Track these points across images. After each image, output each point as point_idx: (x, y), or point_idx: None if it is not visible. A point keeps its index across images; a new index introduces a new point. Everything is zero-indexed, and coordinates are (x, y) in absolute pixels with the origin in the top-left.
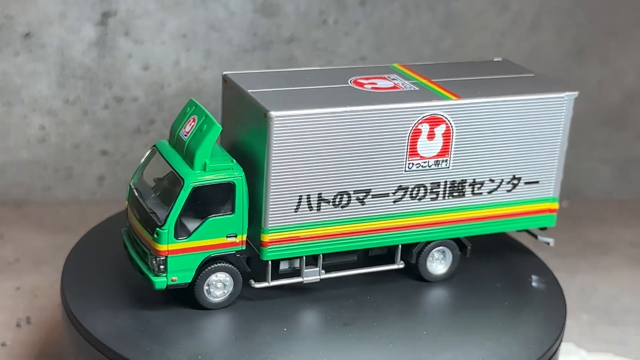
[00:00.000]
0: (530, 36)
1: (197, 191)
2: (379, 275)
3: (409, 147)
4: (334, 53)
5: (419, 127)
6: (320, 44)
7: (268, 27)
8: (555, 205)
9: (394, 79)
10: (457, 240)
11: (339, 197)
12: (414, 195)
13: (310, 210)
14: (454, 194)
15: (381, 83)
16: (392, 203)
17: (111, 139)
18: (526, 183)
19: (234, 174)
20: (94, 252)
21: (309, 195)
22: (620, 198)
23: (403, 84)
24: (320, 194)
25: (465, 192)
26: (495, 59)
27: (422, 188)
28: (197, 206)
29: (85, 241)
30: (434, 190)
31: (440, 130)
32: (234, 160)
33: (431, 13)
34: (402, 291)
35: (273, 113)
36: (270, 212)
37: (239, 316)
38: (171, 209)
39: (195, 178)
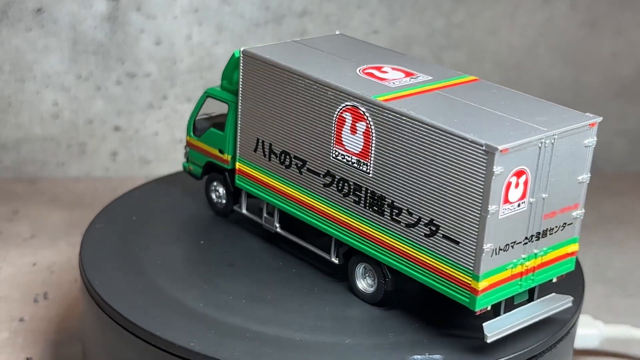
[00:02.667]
0: (543, 8)
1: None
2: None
3: (335, 133)
4: (346, 26)
5: (343, 115)
6: (332, 17)
7: (280, 0)
8: (479, 287)
9: (415, 77)
10: (381, 267)
11: (282, 155)
12: (339, 187)
13: (264, 156)
14: (374, 207)
15: (391, 74)
16: (322, 186)
17: (124, 115)
18: (444, 237)
19: (233, 97)
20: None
21: (263, 141)
22: (634, 170)
23: (404, 81)
24: (271, 144)
25: (384, 212)
26: (587, 114)
27: (346, 184)
28: (215, 118)
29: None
30: (356, 192)
31: (361, 127)
32: None
33: None
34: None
35: (242, 49)
36: (239, 143)
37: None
38: (192, 110)
39: (210, 90)
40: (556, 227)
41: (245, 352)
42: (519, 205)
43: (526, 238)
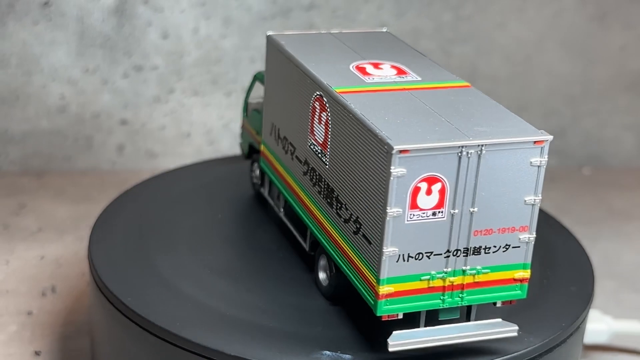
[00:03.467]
0: (552, 1)
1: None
2: None
3: (310, 121)
4: (354, 20)
5: (315, 104)
6: (339, 11)
7: None
8: (380, 291)
9: (403, 76)
10: (331, 260)
11: (284, 140)
12: (311, 176)
13: (274, 140)
14: (328, 199)
15: (382, 71)
16: (302, 174)
17: (131, 109)
18: (363, 236)
19: None
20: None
21: (275, 125)
22: None
23: (387, 78)
24: (279, 129)
25: (333, 205)
26: (541, 131)
27: (314, 174)
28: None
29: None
30: (319, 182)
31: (324, 117)
32: None
33: None
34: None
35: (268, 33)
36: (263, 126)
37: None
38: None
39: (258, 73)
40: (494, 246)
41: (171, 316)
42: (434, 214)
43: (448, 251)
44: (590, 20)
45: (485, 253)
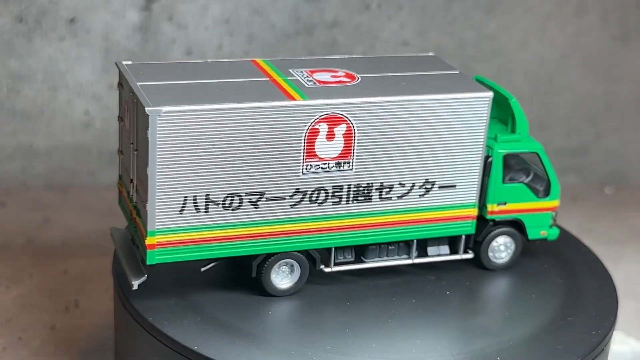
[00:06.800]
0: (575, 20)
1: None
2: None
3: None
4: (376, 38)
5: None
6: (362, 28)
7: (311, 11)
8: (118, 186)
9: (318, 82)
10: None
11: None
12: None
13: None
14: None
15: (318, 76)
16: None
17: None
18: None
19: None
20: None
21: None
22: None
23: (307, 78)
24: None
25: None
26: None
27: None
28: None
29: None
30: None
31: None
32: None
33: None
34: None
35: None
36: None
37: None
38: None
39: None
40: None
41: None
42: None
43: (131, 179)
44: (612, 39)
45: (137, 193)
